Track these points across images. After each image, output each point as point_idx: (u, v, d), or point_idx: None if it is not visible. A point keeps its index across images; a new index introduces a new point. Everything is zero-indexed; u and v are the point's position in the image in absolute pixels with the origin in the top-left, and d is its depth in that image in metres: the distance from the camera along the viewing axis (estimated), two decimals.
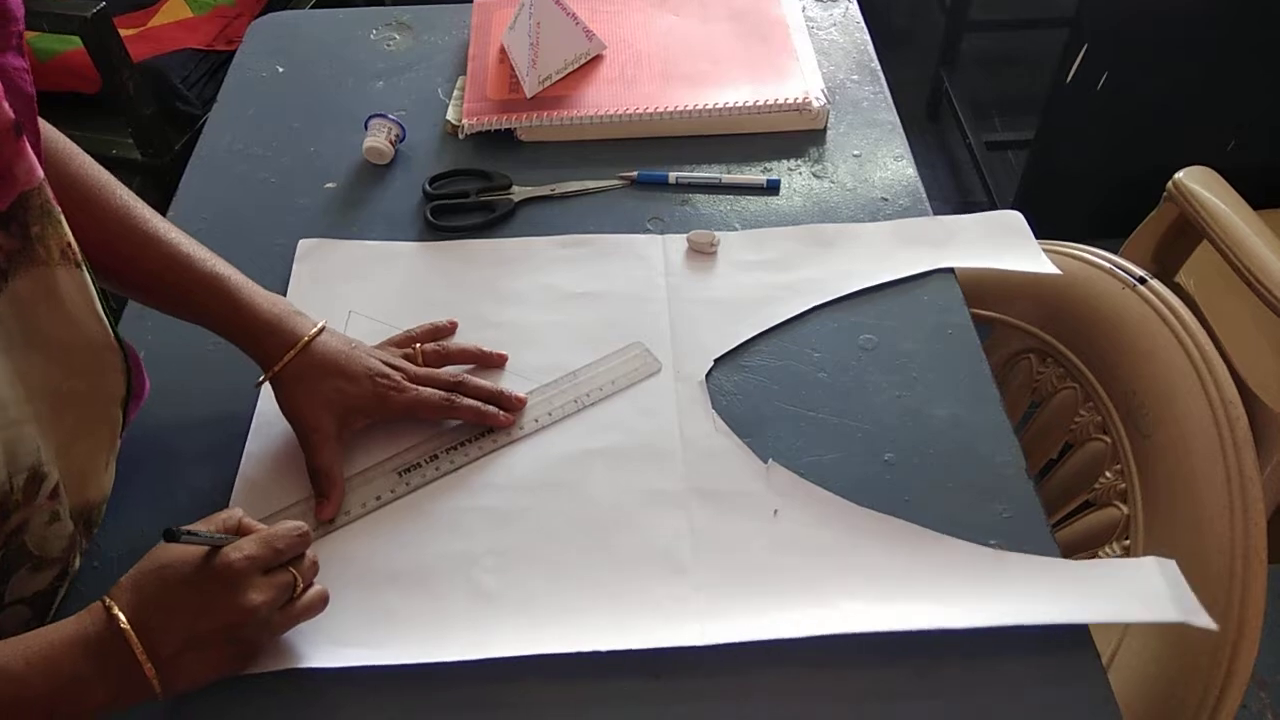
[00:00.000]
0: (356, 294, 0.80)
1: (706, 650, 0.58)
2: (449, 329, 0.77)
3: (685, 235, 0.83)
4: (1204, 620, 0.58)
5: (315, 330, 0.67)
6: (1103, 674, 0.58)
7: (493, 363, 0.74)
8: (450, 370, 0.72)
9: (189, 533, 0.52)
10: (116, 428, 0.64)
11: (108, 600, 0.51)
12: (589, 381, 0.73)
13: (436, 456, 0.69)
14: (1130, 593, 0.60)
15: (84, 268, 0.57)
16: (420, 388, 0.68)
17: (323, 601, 0.58)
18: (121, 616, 0.51)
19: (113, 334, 0.61)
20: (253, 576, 0.54)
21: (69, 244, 0.56)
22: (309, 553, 0.58)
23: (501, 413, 0.70)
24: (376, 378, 0.67)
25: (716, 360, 0.74)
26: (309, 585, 0.57)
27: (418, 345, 0.72)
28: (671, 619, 0.60)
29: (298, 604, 0.57)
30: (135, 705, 0.52)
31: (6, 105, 0.50)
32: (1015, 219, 0.84)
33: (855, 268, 0.80)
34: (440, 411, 0.69)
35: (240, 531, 0.56)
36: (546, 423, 0.71)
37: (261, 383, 0.68)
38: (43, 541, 0.58)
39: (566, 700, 0.57)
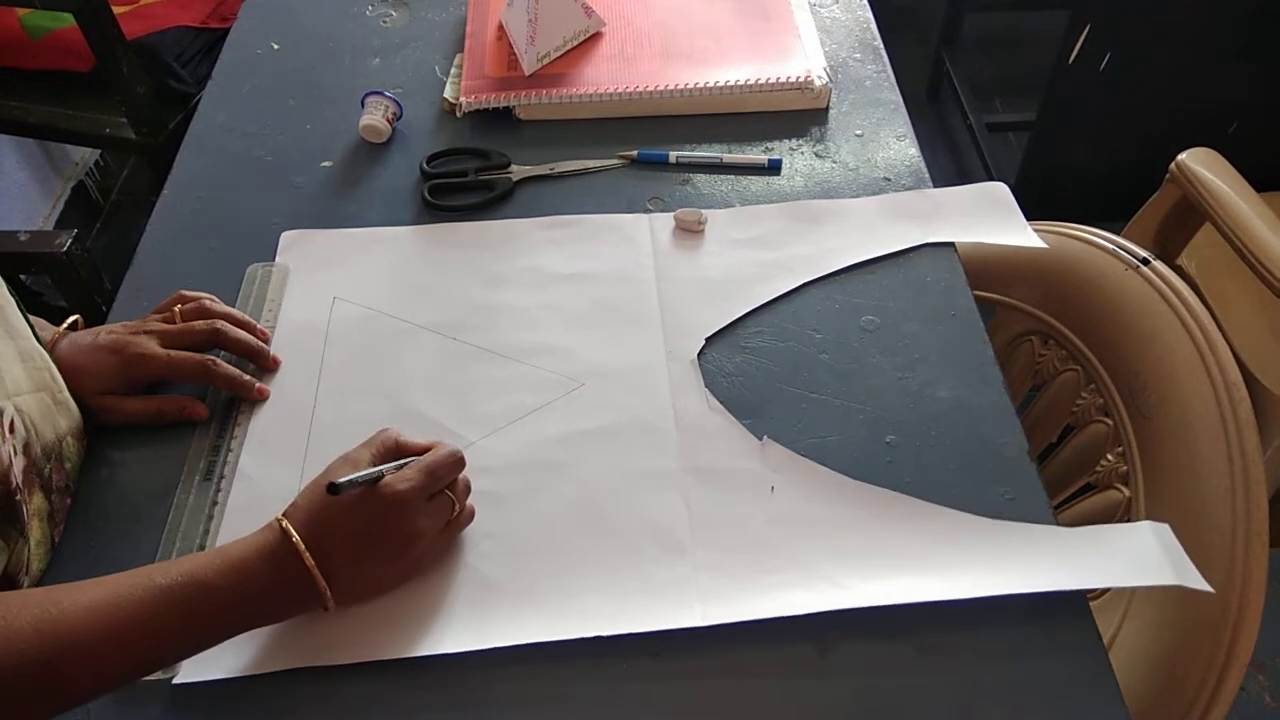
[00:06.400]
0: (341, 281, 0.79)
1: (706, 628, 0.58)
2: (217, 309, 0.74)
3: (672, 214, 0.82)
4: (1200, 583, 0.57)
5: (51, 341, 0.68)
6: (1102, 650, 0.58)
7: (256, 336, 0.73)
8: (206, 323, 0.71)
9: (350, 482, 0.55)
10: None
11: (282, 520, 0.55)
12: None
13: None
14: (1126, 558, 0.60)
15: None
16: (174, 352, 0.69)
17: (471, 517, 0.63)
18: (295, 534, 0.54)
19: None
20: (417, 503, 0.57)
21: None
22: (461, 476, 0.61)
23: (256, 384, 0.70)
24: (120, 351, 0.68)
25: (717, 341, 0.74)
26: (463, 505, 0.61)
27: (176, 309, 0.72)
28: (672, 600, 0.59)
29: (455, 523, 0.61)
30: (314, 610, 0.56)
31: None
32: (1000, 190, 0.84)
33: (844, 243, 0.80)
34: (196, 377, 0.69)
35: (398, 451, 0.60)
36: (537, 405, 0.70)
37: None
38: None
39: (565, 679, 0.57)
